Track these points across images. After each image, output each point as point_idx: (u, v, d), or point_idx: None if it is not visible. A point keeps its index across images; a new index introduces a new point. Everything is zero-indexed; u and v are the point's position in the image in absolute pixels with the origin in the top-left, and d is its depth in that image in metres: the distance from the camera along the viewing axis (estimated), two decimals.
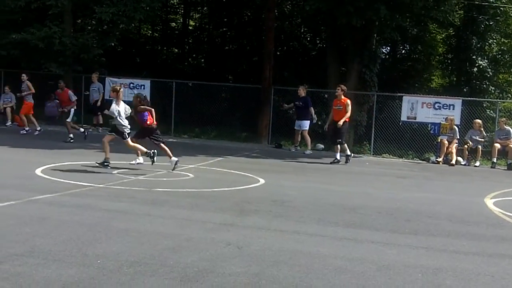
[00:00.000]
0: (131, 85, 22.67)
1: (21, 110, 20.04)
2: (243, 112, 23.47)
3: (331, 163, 16.04)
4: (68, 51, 22.22)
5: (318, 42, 30.30)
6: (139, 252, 6.02)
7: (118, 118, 12.15)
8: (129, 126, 12.31)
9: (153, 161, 12.21)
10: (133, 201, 8.91)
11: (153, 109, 12.84)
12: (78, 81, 23.21)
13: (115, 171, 11.83)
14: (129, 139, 12.35)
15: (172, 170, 12.32)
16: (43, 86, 25.20)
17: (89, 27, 25.54)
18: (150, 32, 34.65)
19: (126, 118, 12.40)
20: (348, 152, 16.57)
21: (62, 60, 22.46)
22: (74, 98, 18.57)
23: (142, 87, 22.49)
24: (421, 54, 29.42)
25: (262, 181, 11.81)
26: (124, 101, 12.89)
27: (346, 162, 16.25)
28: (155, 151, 12.35)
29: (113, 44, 25.56)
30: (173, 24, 34.84)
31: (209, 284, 5.16)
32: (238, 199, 9.55)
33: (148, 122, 12.69)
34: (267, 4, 22.80)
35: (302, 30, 31.32)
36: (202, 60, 33.00)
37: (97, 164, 12.11)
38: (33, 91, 20.15)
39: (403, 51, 30.88)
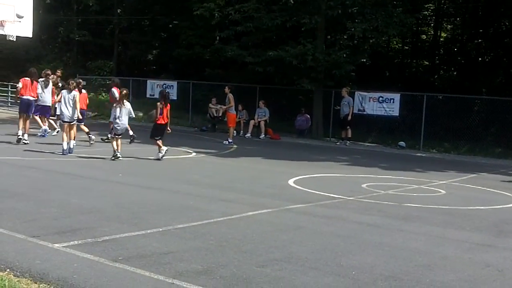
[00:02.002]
0: (380, 99, 22.52)
1: (229, 123, 20.39)
2: (498, 126, 22.04)
3: None
4: (320, 67, 22.81)
5: None
6: (393, 267, 5.95)
7: (116, 118, 13.57)
8: (121, 128, 13.59)
9: (115, 157, 13.34)
10: (384, 215, 8.84)
11: (167, 108, 14.19)
12: (328, 96, 23.64)
13: (364, 184, 11.87)
14: (112, 136, 13.83)
15: (161, 158, 13.95)
16: (293, 101, 26.50)
17: (340, 42, 26.01)
18: (400, 45, 34.30)
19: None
20: None
21: (314, 75, 23.13)
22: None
23: (391, 100, 22.24)
24: None
25: None
26: None
27: None
28: (120, 156, 13.35)
29: (364, 60, 25.76)
30: (424, 36, 34.10)
31: None
32: (495, 219, 8.99)
33: (158, 120, 14.14)
34: None
35: None
36: (454, 73, 31.74)
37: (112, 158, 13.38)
38: (233, 104, 20.39)
39: None
